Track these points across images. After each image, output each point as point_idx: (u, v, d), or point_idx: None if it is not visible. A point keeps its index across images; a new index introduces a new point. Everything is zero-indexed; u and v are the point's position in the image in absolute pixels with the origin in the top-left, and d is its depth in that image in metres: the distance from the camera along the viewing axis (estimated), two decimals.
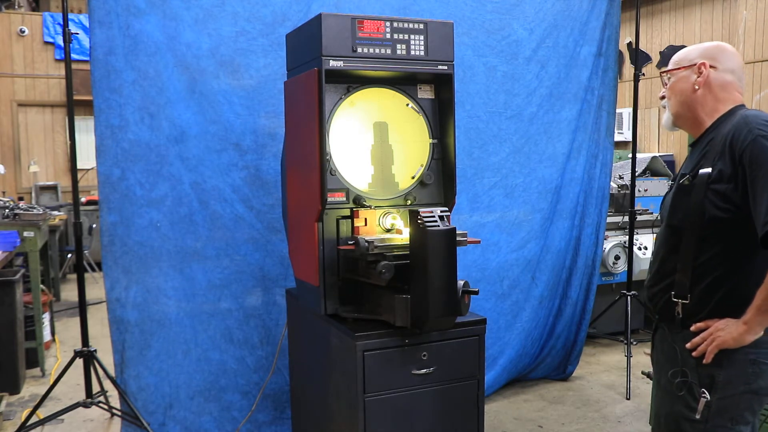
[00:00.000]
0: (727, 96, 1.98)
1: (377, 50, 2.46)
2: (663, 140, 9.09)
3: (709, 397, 1.86)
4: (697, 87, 1.99)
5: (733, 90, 1.99)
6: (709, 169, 1.86)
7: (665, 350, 2.05)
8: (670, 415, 1.98)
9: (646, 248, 5.24)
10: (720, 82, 1.98)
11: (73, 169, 3.42)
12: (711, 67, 1.98)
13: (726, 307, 1.87)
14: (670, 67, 2.08)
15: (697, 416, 1.88)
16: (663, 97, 2.10)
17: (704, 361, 1.87)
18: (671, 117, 2.09)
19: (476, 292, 2.34)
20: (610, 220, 4.94)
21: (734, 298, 1.85)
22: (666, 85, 2.09)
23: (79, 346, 3.54)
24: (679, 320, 1.96)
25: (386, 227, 2.53)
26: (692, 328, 1.91)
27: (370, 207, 2.55)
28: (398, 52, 2.49)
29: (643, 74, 4.78)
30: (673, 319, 1.98)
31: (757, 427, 1.96)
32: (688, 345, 1.91)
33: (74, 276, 5.64)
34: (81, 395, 3.62)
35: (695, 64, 1.99)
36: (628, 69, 9.06)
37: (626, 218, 4.86)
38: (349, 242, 2.46)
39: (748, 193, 1.78)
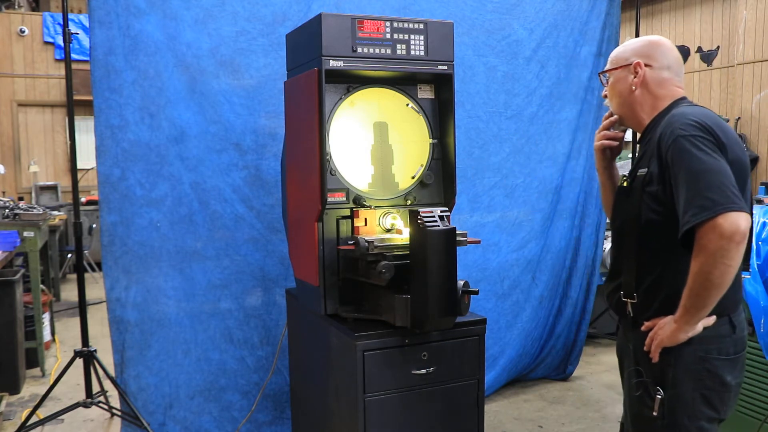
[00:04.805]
0: (665, 93, 1.98)
1: (377, 50, 2.46)
2: None
3: (663, 394, 1.87)
4: (634, 87, 1.99)
5: (671, 86, 1.99)
6: (645, 170, 1.89)
7: (624, 349, 2.08)
8: (634, 415, 1.99)
9: None
10: (657, 80, 1.98)
11: (73, 169, 3.42)
12: (646, 65, 1.98)
13: (669, 306, 1.87)
14: (607, 66, 2.08)
15: (654, 413, 1.88)
16: (605, 96, 2.11)
17: (653, 360, 1.89)
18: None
19: (476, 292, 2.34)
20: None
21: (674, 296, 1.85)
22: (605, 84, 2.09)
23: (79, 346, 3.54)
24: (630, 319, 1.99)
25: (386, 227, 2.53)
26: (642, 328, 1.93)
27: (370, 207, 2.55)
28: (398, 52, 2.49)
29: None
30: (626, 318, 2.01)
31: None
32: (644, 345, 1.93)
33: (74, 276, 5.65)
34: (81, 395, 3.62)
35: (630, 64, 1.99)
36: None
37: None
38: (349, 242, 2.46)
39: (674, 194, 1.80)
